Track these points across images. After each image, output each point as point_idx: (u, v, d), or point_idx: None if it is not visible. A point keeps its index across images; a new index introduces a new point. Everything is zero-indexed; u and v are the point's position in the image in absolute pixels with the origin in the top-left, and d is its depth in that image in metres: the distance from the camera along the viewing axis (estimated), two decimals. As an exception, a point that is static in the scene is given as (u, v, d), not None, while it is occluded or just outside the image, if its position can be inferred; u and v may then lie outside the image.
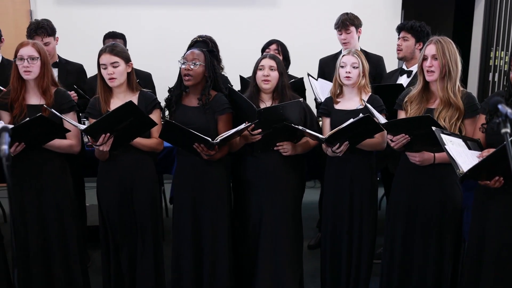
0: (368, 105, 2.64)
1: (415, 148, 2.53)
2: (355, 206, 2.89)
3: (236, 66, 3.64)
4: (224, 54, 3.64)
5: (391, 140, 2.51)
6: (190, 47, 3.32)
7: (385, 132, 2.63)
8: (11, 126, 2.41)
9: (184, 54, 2.80)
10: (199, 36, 3.67)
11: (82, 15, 5.17)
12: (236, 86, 3.56)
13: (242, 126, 2.61)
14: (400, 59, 3.69)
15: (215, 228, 2.82)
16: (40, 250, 2.71)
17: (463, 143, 2.29)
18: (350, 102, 2.89)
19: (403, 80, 3.55)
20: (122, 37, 3.89)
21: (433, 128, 2.26)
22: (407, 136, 2.45)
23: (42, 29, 3.44)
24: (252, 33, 5.17)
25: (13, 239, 2.48)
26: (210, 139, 2.55)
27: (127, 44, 3.93)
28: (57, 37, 3.59)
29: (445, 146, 2.18)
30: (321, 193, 3.77)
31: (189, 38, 3.62)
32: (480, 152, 2.28)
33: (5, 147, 1.51)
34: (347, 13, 3.75)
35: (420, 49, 3.13)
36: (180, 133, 2.55)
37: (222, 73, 3.62)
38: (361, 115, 2.57)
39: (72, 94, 3.13)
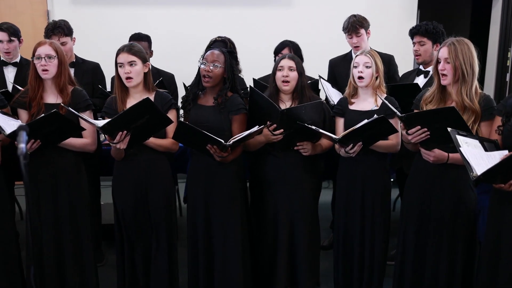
0: (386, 101, 2.62)
1: (431, 145, 2.51)
2: (367, 207, 2.88)
3: (249, 67, 3.64)
4: (241, 54, 3.65)
5: (407, 133, 2.47)
6: (209, 47, 3.34)
7: (400, 133, 2.61)
8: (27, 124, 2.44)
9: (204, 54, 2.81)
10: (218, 37, 3.68)
11: (98, 15, 5.22)
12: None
13: (255, 128, 2.62)
14: (420, 64, 3.64)
15: (226, 228, 2.83)
16: (54, 248, 2.74)
17: (479, 145, 2.26)
18: (365, 103, 2.88)
19: (420, 80, 3.52)
20: (147, 38, 3.91)
21: (449, 129, 2.23)
22: (426, 130, 2.41)
23: (59, 29, 3.48)
24: (266, 34, 5.17)
25: (30, 236, 2.53)
26: (223, 141, 2.56)
27: (151, 45, 3.95)
28: (74, 38, 3.63)
29: (460, 148, 2.15)
30: (334, 193, 3.76)
31: (202, 38, 3.64)
32: (500, 152, 2.23)
33: (22, 145, 1.54)
34: (354, 15, 3.69)
35: None
36: (193, 134, 2.57)
37: (239, 75, 3.63)
38: (375, 116, 2.56)
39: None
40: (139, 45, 2.83)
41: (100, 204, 3.80)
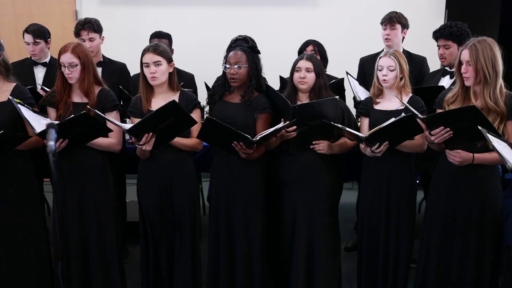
0: (408, 105, 2.60)
1: (456, 145, 2.47)
2: (392, 209, 2.85)
3: (274, 67, 3.64)
4: (262, 55, 3.64)
5: (430, 134, 2.44)
6: (230, 46, 3.35)
7: (426, 133, 2.57)
8: (56, 122, 2.49)
9: (227, 55, 2.82)
10: (239, 35, 3.69)
11: (125, 15, 5.28)
12: (275, 87, 3.56)
13: (280, 125, 2.62)
14: (445, 67, 3.58)
15: (249, 228, 2.84)
16: (79, 244, 2.78)
17: (509, 147, 2.24)
18: (390, 102, 2.85)
19: (446, 81, 3.46)
20: (168, 37, 3.94)
21: (479, 127, 2.20)
22: (449, 129, 2.38)
23: (88, 24, 3.54)
24: (291, 34, 5.15)
25: (57, 232, 2.58)
26: (250, 137, 2.57)
27: (172, 44, 3.99)
28: (103, 37, 3.68)
29: (493, 143, 2.13)
30: (359, 194, 3.73)
31: (225, 39, 3.65)
32: None
33: (51, 143, 1.57)
34: (396, 12, 3.71)
35: None
36: (219, 130, 2.57)
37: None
38: (403, 114, 2.53)
39: None
40: (164, 45, 2.86)
41: (125, 202, 3.85)
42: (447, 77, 3.49)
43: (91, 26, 3.55)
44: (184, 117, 2.57)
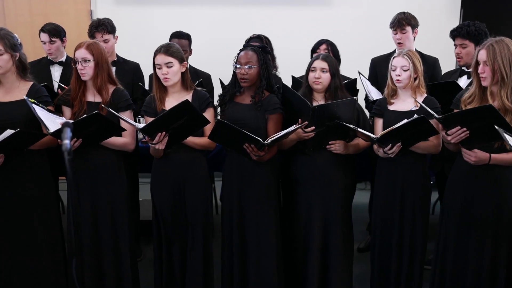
0: (423, 105, 2.58)
1: (473, 145, 2.45)
2: (406, 210, 2.83)
3: (288, 66, 3.64)
4: (276, 54, 3.65)
5: (446, 134, 2.42)
6: (245, 45, 3.35)
7: (440, 135, 2.56)
8: (71, 121, 2.51)
9: (238, 55, 2.82)
10: (254, 34, 3.70)
11: (140, 15, 5.31)
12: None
13: (293, 127, 2.61)
14: (462, 66, 3.54)
15: (261, 228, 2.83)
16: (93, 242, 2.81)
17: None
18: (404, 103, 2.83)
19: (463, 81, 3.43)
20: (187, 37, 3.95)
21: (496, 127, 2.19)
22: (465, 129, 2.36)
23: (102, 26, 3.57)
24: (305, 33, 5.13)
25: (72, 230, 2.61)
26: (261, 140, 2.57)
27: (191, 43, 4.00)
28: (117, 36, 3.71)
29: (510, 143, 2.12)
30: (371, 195, 3.72)
31: (241, 38, 3.66)
32: None
33: (67, 141, 1.59)
34: (403, 12, 3.65)
35: None
36: (231, 132, 2.58)
37: (276, 73, 3.63)
38: (416, 115, 2.52)
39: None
40: (177, 45, 2.87)
41: (138, 200, 3.87)
42: (464, 77, 3.46)
43: (105, 28, 3.58)
44: (196, 116, 2.58)
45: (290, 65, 3.65)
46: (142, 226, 3.82)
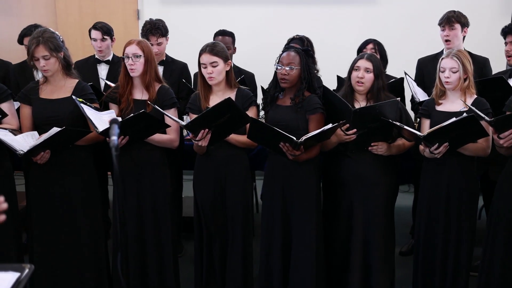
0: (473, 108, 2.50)
1: None
2: (452, 214, 2.75)
3: (333, 65, 3.61)
4: (321, 53, 3.63)
5: (499, 137, 2.34)
6: (286, 46, 3.35)
7: (490, 137, 2.48)
8: (119, 119, 2.58)
9: (280, 55, 2.82)
10: (296, 35, 3.69)
11: (185, 14, 5.37)
12: (333, 85, 3.53)
13: (329, 126, 2.59)
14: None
15: (302, 228, 2.82)
16: (137, 237, 2.86)
17: None
18: (453, 104, 2.75)
19: (514, 82, 3.32)
20: (231, 35, 3.99)
21: None
22: None
23: (157, 30, 3.59)
24: (350, 32, 5.09)
25: (118, 224, 2.67)
26: (294, 138, 2.56)
27: (235, 42, 4.02)
28: (168, 37, 3.78)
29: None
30: (415, 198, 3.64)
31: (285, 37, 3.65)
32: None
33: (114, 138, 1.63)
34: (454, 11, 3.55)
35: None
36: (266, 131, 2.59)
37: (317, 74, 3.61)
38: (464, 115, 2.44)
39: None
40: (222, 44, 2.89)
41: (181, 197, 3.93)
42: (516, 77, 3.34)
43: (159, 31, 3.60)
44: (239, 114, 2.60)
45: (334, 64, 3.61)
46: (184, 222, 3.87)
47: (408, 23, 5.22)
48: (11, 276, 1.26)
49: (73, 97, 2.69)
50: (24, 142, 2.64)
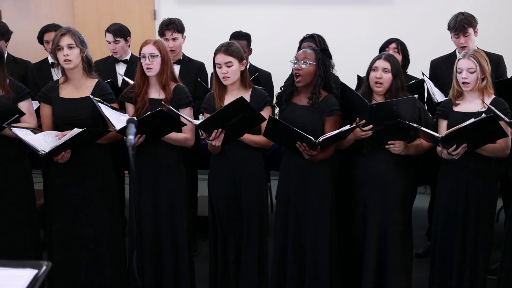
0: (491, 107, 2.47)
1: None
2: (470, 216, 2.72)
3: (350, 66, 3.59)
4: (339, 53, 3.58)
5: None
6: (300, 45, 3.35)
7: (510, 137, 2.44)
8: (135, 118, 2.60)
9: (296, 54, 2.82)
10: (307, 34, 3.69)
11: (201, 14, 5.39)
12: (352, 86, 3.51)
13: (347, 127, 2.58)
14: None
15: (317, 228, 2.81)
16: (152, 235, 2.88)
17: None
18: (471, 104, 2.72)
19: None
20: (246, 37, 3.99)
21: None
22: None
23: (172, 25, 3.68)
24: (367, 33, 5.06)
25: (134, 223, 2.69)
26: (312, 138, 2.55)
27: (251, 43, 4.03)
28: (185, 36, 3.81)
29: None
30: (431, 199, 3.61)
31: (301, 37, 3.64)
32: None
33: (131, 137, 1.64)
34: (462, 13, 3.45)
35: None
36: (283, 130, 2.58)
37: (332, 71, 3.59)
38: (483, 115, 2.41)
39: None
40: (237, 43, 2.90)
41: (196, 197, 3.94)
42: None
43: (175, 26, 3.68)
44: (252, 113, 2.60)
45: (352, 64, 3.59)
46: (199, 221, 3.88)
47: (425, 23, 5.16)
48: (29, 273, 1.27)
49: (91, 96, 2.71)
50: (44, 141, 2.68)
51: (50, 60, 3.69)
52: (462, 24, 3.40)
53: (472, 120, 2.43)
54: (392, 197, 2.78)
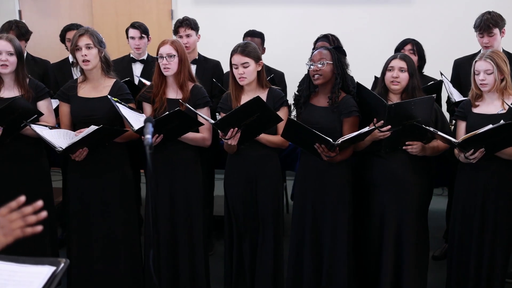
0: None
1: None
2: (488, 219, 2.69)
3: (368, 66, 3.57)
4: (356, 54, 3.58)
5: None
6: (314, 45, 3.34)
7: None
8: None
9: (311, 55, 2.81)
10: (321, 34, 3.68)
11: (218, 14, 5.41)
12: (367, 86, 3.49)
13: (366, 129, 2.56)
14: None
15: (333, 229, 2.80)
16: (169, 234, 2.89)
17: None
18: (490, 106, 2.69)
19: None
20: (260, 36, 4.01)
21: None
22: None
23: (186, 22, 3.72)
24: (384, 33, 5.03)
25: (150, 222, 2.70)
26: (331, 140, 2.54)
27: (264, 42, 4.03)
28: (199, 35, 3.83)
29: None
30: (449, 201, 3.57)
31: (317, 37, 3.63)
32: None
33: (149, 136, 1.65)
34: (489, 12, 3.38)
35: None
36: (302, 132, 2.58)
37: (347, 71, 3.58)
38: (502, 121, 2.38)
39: None
40: (253, 43, 2.90)
41: (213, 196, 3.95)
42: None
43: (189, 23, 3.72)
44: (268, 113, 2.60)
45: (369, 65, 3.57)
46: (214, 221, 3.89)
47: (443, 23, 5.11)
48: (47, 270, 1.28)
49: (109, 96, 2.74)
50: (62, 138, 2.71)
51: (71, 59, 3.73)
52: (487, 24, 3.33)
53: (490, 126, 2.40)
54: (409, 198, 2.76)
